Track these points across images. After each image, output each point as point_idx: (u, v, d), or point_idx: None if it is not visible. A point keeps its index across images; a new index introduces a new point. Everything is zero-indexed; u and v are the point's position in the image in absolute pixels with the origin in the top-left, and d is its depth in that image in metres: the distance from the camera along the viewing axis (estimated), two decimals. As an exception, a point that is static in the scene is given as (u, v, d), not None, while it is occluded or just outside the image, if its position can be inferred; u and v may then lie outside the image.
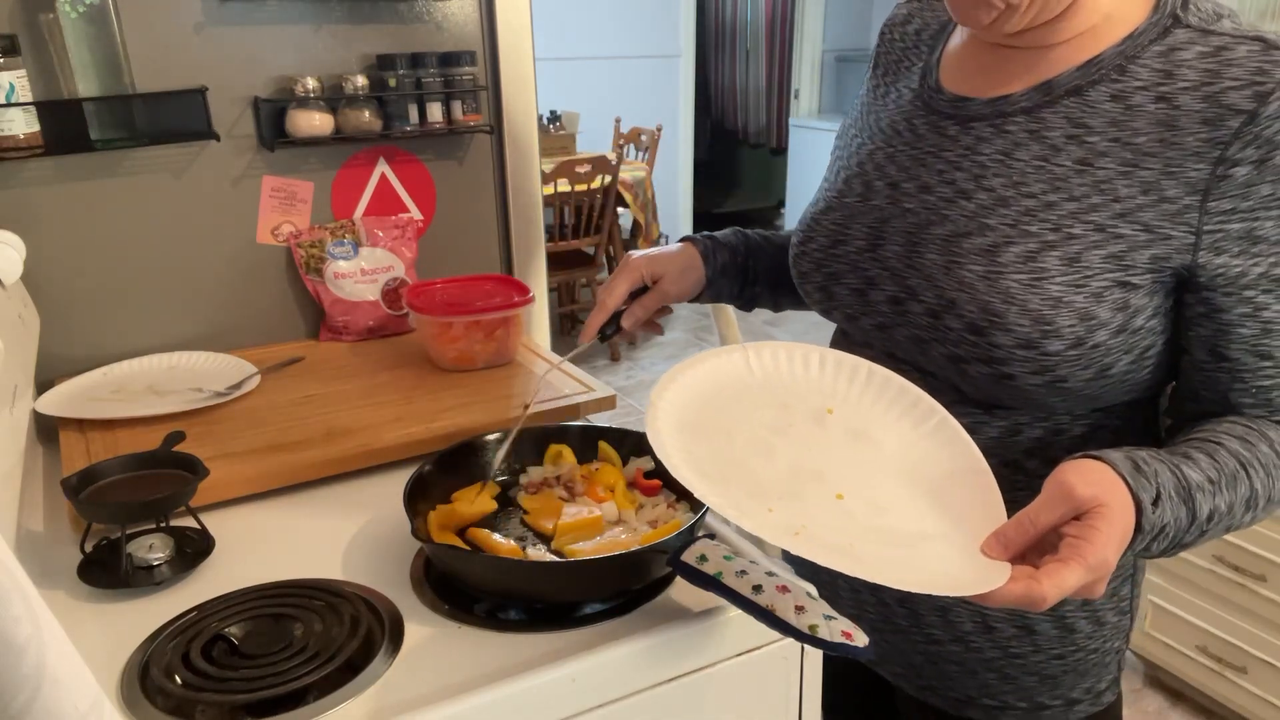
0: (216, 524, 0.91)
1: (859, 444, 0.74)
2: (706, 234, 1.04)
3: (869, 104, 0.93)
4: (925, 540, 0.66)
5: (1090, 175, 0.73)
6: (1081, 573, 0.60)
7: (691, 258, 1.00)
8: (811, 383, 0.79)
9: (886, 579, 0.58)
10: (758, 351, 0.80)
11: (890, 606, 0.91)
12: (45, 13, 1.17)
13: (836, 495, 0.69)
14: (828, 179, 0.94)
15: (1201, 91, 0.70)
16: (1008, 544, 0.63)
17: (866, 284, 0.84)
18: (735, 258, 1.02)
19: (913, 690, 0.95)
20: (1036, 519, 0.63)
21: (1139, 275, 0.72)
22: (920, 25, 0.92)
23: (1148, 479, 0.65)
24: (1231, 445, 0.70)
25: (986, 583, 0.60)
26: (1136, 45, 0.74)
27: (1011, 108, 0.78)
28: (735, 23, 6.92)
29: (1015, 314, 0.73)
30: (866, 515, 0.67)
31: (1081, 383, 0.75)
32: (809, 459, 0.72)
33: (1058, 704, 0.90)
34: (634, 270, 0.97)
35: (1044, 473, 0.80)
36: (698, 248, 1.01)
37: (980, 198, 0.78)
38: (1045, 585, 0.59)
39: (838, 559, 0.59)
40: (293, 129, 1.32)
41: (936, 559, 0.64)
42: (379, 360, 1.31)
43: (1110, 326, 0.73)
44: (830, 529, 0.65)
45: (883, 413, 0.77)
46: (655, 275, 0.98)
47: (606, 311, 0.97)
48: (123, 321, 1.31)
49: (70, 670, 0.49)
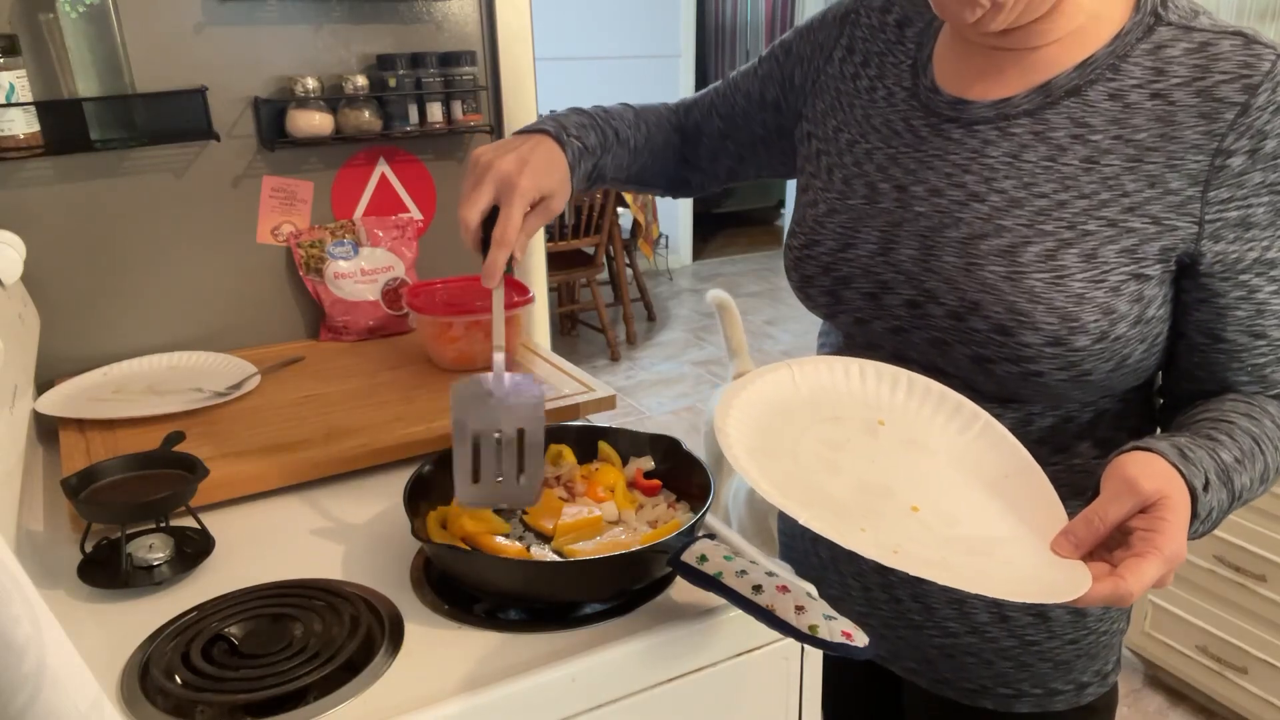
0: (216, 524, 0.91)
1: (914, 453, 0.75)
2: (568, 132, 0.91)
3: (848, 95, 0.91)
4: (1000, 545, 0.67)
5: (1098, 172, 0.75)
6: (1159, 564, 0.62)
7: (564, 168, 0.88)
8: (856, 395, 0.80)
9: (998, 592, 0.60)
10: (800, 367, 0.80)
11: (904, 602, 0.92)
12: (45, 13, 1.17)
13: (912, 508, 0.70)
14: (819, 177, 0.92)
15: (1194, 86, 0.73)
16: (1078, 542, 0.65)
17: (880, 288, 0.84)
18: (593, 161, 0.94)
19: (926, 685, 0.95)
20: (1105, 515, 0.65)
21: (1150, 266, 0.75)
22: (901, 17, 0.91)
23: (1196, 466, 0.67)
24: (1242, 423, 0.73)
25: (1075, 585, 0.61)
26: (1125, 44, 0.76)
27: (1014, 110, 0.80)
28: (735, 23, 6.93)
29: (1042, 312, 0.75)
30: (943, 526, 0.68)
31: (1103, 375, 0.77)
32: (873, 473, 0.73)
33: (1069, 688, 0.91)
34: (527, 195, 0.82)
35: (1054, 460, 0.82)
36: (566, 155, 0.88)
37: (993, 200, 0.79)
38: (1130, 581, 0.61)
39: (942, 573, 0.60)
40: (293, 129, 1.32)
41: (1015, 564, 0.65)
42: (379, 360, 1.31)
43: (1129, 318, 0.75)
44: (919, 543, 0.66)
45: (929, 419, 0.78)
46: (544, 195, 0.85)
47: (509, 246, 0.83)
48: (123, 321, 1.31)
49: (70, 670, 0.49)
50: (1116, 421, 0.84)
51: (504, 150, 0.84)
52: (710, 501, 0.83)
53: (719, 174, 1.09)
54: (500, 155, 0.83)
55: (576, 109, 0.98)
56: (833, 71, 0.94)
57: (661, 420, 3.82)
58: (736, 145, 1.05)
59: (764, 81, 1.01)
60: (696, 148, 1.08)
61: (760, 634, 0.78)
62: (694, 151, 1.08)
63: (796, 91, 0.98)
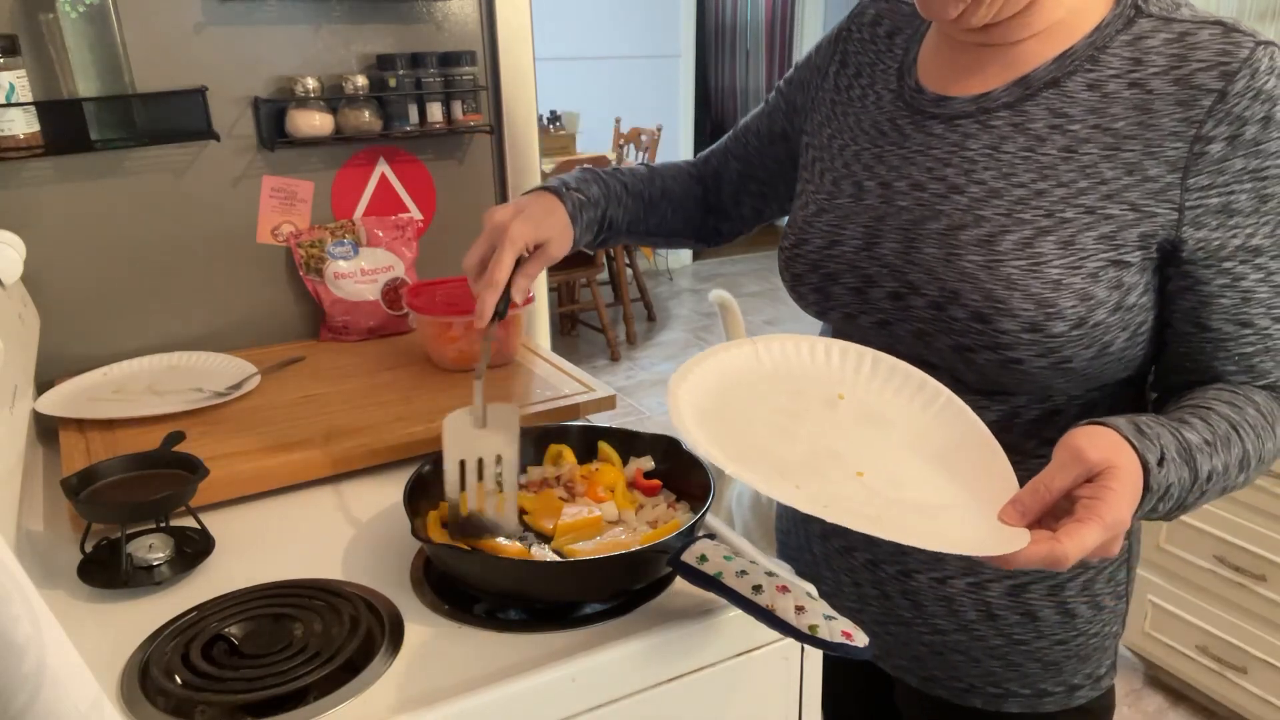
0: (216, 524, 0.91)
1: (871, 425, 0.76)
2: (569, 186, 0.96)
3: (842, 104, 0.94)
4: (945, 511, 0.68)
5: (1075, 161, 0.76)
6: (1099, 531, 0.62)
7: (564, 218, 0.93)
8: (820, 370, 0.81)
9: (917, 541, 0.60)
10: (766, 344, 0.82)
11: (893, 599, 0.92)
12: (45, 13, 1.17)
13: (857, 473, 0.71)
14: (812, 182, 0.94)
15: (1172, 75, 0.73)
16: (1024, 510, 0.65)
17: (865, 282, 0.85)
18: (597, 212, 0.97)
19: (916, 682, 0.96)
20: (1050, 484, 0.65)
21: (1130, 253, 0.75)
22: (891, 28, 0.93)
23: (1151, 441, 0.67)
24: (1221, 409, 0.73)
25: (1009, 545, 0.62)
26: (1105, 36, 0.77)
27: (994, 103, 0.81)
28: (735, 23, 6.93)
29: (1019, 299, 0.75)
30: (887, 490, 0.69)
31: (1084, 362, 0.77)
32: (826, 441, 0.74)
33: (1059, 690, 0.91)
34: (518, 241, 0.87)
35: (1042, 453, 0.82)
36: (565, 206, 0.93)
37: (973, 191, 0.80)
38: (1066, 544, 0.61)
39: (869, 525, 0.61)
40: (293, 129, 1.32)
41: (957, 527, 0.66)
42: (379, 360, 1.31)
43: (1108, 305, 0.75)
44: (856, 502, 0.67)
45: (892, 396, 0.79)
46: (539, 240, 0.90)
47: (499, 288, 0.86)
48: (123, 321, 1.31)
49: (70, 670, 0.49)
50: (1104, 416, 0.84)
51: (506, 205, 0.91)
52: (710, 501, 0.83)
53: (745, 216, 1.11)
54: (500, 209, 0.90)
55: (585, 167, 1.02)
56: (828, 87, 0.96)
57: (661, 420, 3.81)
58: (758, 184, 1.08)
59: (771, 116, 1.04)
60: (719, 194, 1.11)
61: (760, 634, 0.78)
62: (717, 199, 1.11)
63: (800, 114, 1.00)
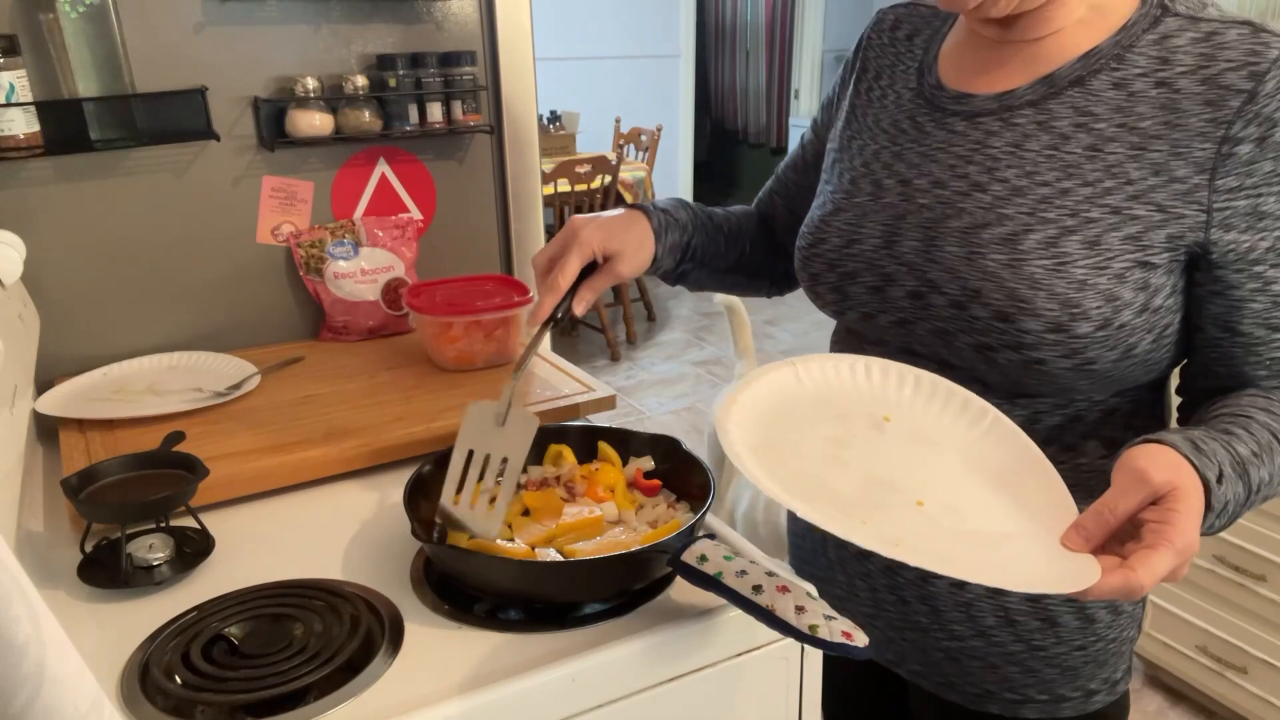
0: (216, 524, 0.91)
1: (921, 448, 0.75)
2: (657, 205, 0.95)
3: (861, 106, 0.93)
4: (1008, 540, 0.66)
5: (1101, 160, 0.75)
6: (1172, 557, 0.61)
7: (645, 233, 0.91)
8: (861, 391, 0.79)
9: (993, 581, 0.59)
10: (805, 365, 0.80)
11: (911, 604, 0.91)
12: (45, 13, 1.17)
13: (917, 503, 0.69)
14: (830, 183, 0.93)
15: (1199, 75, 0.72)
16: (1089, 536, 0.64)
17: (884, 281, 0.85)
18: (683, 236, 0.96)
19: (931, 687, 0.95)
20: (1115, 508, 0.64)
21: (1156, 255, 0.74)
22: (911, 30, 0.93)
23: (1209, 458, 0.66)
24: (1260, 417, 0.72)
25: (1084, 578, 0.61)
26: (1131, 35, 0.76)
27: (1017, 101, 0.80)
28: (735, 23, 6.92)
29: (1043, 299, 0.74)
30: (950, 521, 0.68)
31: (1109, 364, 0.77)
32: (879, 468, 0.72)
33: (1077, 695, 0.90)
34: (586, 246, 0.85)
35: (1063, 457, 0.82)
36: (650, 222, 0.92)
37: (995, 189, 0.79)
38: (1140, 573, 0.60)
39: (943, 566, 0.60)
40: (293, 129, 1.32)
41: (1024, 557, 0.65)
42: (379, 360, 1.31)
43: (1134, 306, 0.75)
44: (924, 537, 0.66)
45: (936, 416, 0.77)
46: (609, 252, 0.87)
47: (559, 293, 0.84)
48: (123, 321, 1.31)
49: (70, 670, 0.49)
50: (1125, 421, 0.83)
51: (590, 215, 0.89)
52: (710, 501, 0.83)
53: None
54: (582, 215, 0.89)
55: (676, 198, 1.02)
56: (849, 94, 0.96)
57: (661, 420, 3.81)
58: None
59: (806, 147, 1.04)
60: (774, 234, 1.09)
61: (760, 634, 0.78)
62: (775, 238, 1.09)
63: (827, 130, 1.00)
